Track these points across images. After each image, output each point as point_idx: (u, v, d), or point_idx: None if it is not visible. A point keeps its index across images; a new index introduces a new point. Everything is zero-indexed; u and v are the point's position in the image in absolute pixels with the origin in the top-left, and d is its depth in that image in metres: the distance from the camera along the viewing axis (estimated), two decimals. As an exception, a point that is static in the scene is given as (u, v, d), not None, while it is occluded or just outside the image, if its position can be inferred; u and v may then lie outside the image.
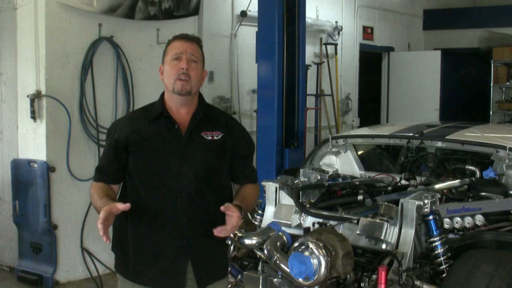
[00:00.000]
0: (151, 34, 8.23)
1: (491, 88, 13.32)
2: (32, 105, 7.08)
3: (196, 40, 3.71)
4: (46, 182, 7.08)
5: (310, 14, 10.52)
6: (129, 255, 3.64)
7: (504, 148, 5.53)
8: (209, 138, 3.65)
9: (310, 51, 10.85)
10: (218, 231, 3.43)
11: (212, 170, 3.65)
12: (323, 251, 3.97)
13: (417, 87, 13.38)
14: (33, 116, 7.09)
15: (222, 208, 3.44)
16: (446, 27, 14.30)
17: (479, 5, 14.30)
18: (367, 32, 13.02)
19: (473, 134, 6.22)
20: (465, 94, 14.28)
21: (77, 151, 7.36)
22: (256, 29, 8.45)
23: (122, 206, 3.31)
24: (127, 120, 3.76)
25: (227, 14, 9.71)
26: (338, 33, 11.78)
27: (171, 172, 3.55)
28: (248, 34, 9.58)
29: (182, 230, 3.56)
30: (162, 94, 3.71)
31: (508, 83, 13.18)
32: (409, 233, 4.38)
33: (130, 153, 3.57)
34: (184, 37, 3.69)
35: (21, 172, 7.28)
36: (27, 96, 7.08)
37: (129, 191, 3.63)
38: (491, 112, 13.34)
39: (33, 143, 7.24)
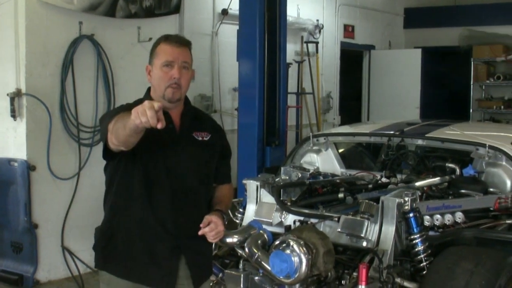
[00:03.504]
0: (132, 32, 8.21)
1: (471, 86, 13.39)
2: (12, 104, 7.03)
3: (187, 44, 3.71)
4: (26, 181, 7.04)
5: (291, 12, 10.53)
6: (119, 251, 3.63)
7: (483, 146, 5.55)
8: (200, 139, 3.70)
9: (291, 49, 10.86)
10: (213, 236, 3.57)
11: (204, 170, 3.71)
12: (304, 249, 3.97)
13: (398, 85, 13.42)
14: (13, 114, 7.05)
15: (205, 222, 3.54)
16: (426, 25, 14.35)
17: (459, 4, 14.37)
18: (348, 30, 13.05)
19: (453, 132, 6.26)
20: (445, 92, 14.34)
21: (57, 149, 7.33)
22: (237, 27, 8.46)
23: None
24: (122, 110, 3.59)
25: (208, 12, 9.71)
26: (319, 32, 11.80)
27: (167, 172, 3.55)
28: (229, 33, 9.58)
29: (177, 229, 3.57)
30: (148, 91, 3.71)
31: (488, 81, 13.25)
32: (389, 230, 4.39)
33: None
34: (176, 41, 3.64)
35: (1, 171, 7.23)
36: (7, 94, 7.03)
37: (122, 189, 3.60)
38: (471, 110, 13.41)
39: (13, 142, 7.19)
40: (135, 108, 2.99)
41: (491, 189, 5.42)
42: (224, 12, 9.61)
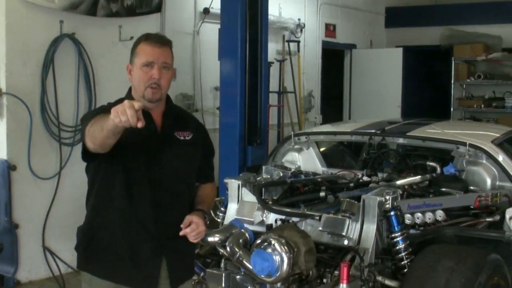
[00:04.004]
0: (113, 31, 8.17)
1: (452, 85, 13.44)
2: (-8, 103, 7.01)
3: (168, 44, 3.66)
4: (6, 180, 6.99)
5: (273, 11, 10.53)
6: (100, 252, 3.61)
7: (464, 144, 5.59)
8: (182, 138, 3.69)
9: (273, 48, 10.86)
10: (194, 236, 3.58)
11: (186, 170, 3.71)
12: (286, 247, 3.98)
13: (379, 84, 13.46)
14: (-6, 114, 7.02)
15: (185, 222, 3.55)
16: (408, 24, 14.40)
17: (440, 3, 14.42)
18: (330, 29, 13.07)
19: (434, 131, 6.28)
20: (426, 91, 14.38)
21: (38, 149, 7.29)
22: (219, 26, 8.45)
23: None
24: (104, 111, 3.57)
25: (190, 11, 9.69)
26: (301, 31, 11.81)
27: (148, 172, 3.54)
28: (211, 32, 9.57)
29: (159, 229, 3.56)
30: (130, 90, 3.69)
31: (468, 80, 13.30)
32: (370, 229, 4.41)
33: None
34: (156, 41, 3.60)
35: (-18, 171, 7.19)
36: (-13, 93, 6.99)
37: (103, 190, 3.58)
38: (452, 109, 13.46)
39: (-7, 141, 7.16)
40: (115, 107, 2.98)
41: (472, 187, 5.46)
42: (206, 11, 9.61)
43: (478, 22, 13.36)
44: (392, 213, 4.46)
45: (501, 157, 5.56)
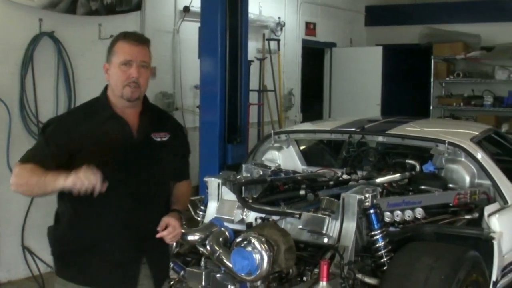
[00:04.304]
0: (93, 29, 8.15)
1: (431, 83, 13.49)
2: (-30, 102, 6.97)
3: (146, 42, 3.63)
4: (-15, 180, 6.97)
5: (253, 9, 10.52)
6: (77, 259, 3.56)
7: (443, 142, 5.62)
8: (158, 139, 3.64)
9: (253, 46, 10.85)
10: (170, 239, 3.60)
11: (163, 172, 3.66)
12: (265, 246, 3.98)
13: (359, 82, 13.48)
14: (-28, 113, 6.98)
15: (162, 225, 3.54)
16: (387, 23, 14.43)
17: (420, 2, 14.46)
18: (310, 28, 13.07)
19: (413, 129, 6.31)
20: (406, 89, 14.42)
21: (17, 148, 7.22)
22: (199, 24, 8.44)
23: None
24: (72, 122, 3.59)
25: (170, 10, 9.67)
26: (281, 29, 11.81)
27: (124, 175, 3.50)
28: (191, 30, 9.56)
29: (136, 232, 3.54)
30: (105, 89, 3.63)
31: (448, 79, 13.36)
32: (350, 227, 4.42)
33: (77, 157, 3.40)
34: (134, 40, 3.56)
35: (-40, 170, 7.14)
36: (-34, 92, 6.95)
37: (78, 196, 3.44)
38: (431, 107, 13.52)
39: (-29, 140, 7.11)
40: (77, 174, 3.12)
41: (451, 185, 5.50)
42: (186, 9, 9.58)
43: (457, 21, 13.42)
44: (371, 211, 4.48)
45: (479, 155, 5.60)
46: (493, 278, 4.92)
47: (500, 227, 5.02)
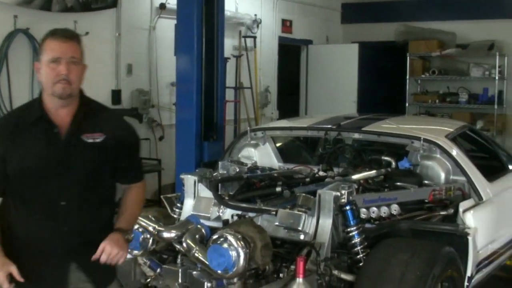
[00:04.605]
0: (68, 26, 7.80)
1: (407, 80, 13.55)
2: None
3: (75, 38, 3.45)
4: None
5: (229, 7, 10.51)
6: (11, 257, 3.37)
7: (418, 139, 5.64)
8: (90, 141, 3.42)
9: (229, 44, 10.85)
10: (112, 262, 3.40)
11: (94, 176, 3.45)
12: (242, 243, 3.99)
13: (335, 79, 13.52)
14: None
15: (97, 253, 3.35)
16: (363, 20, 14.47)
17: (395, 0, 14.52)
18: (286, 25, 13.09)
19: (389, 126, 6.33)
20: (382, 86, 14.47)
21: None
22: (175, 21, 8.41)
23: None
24: (1, 126, 3.50)
25: (146, 7, 9.64)
26: (257, 26, 11.82)
27: (50, 181, 3.35)
28: (167, 27, 9.53)
29: (65, 239, 3.39)
30: (41, 92, 3.48)
31: (423, 76, 13.43)
32: (326, 223, 4.44)
33: (7, 163, 3.32)
34: (62, 36, 3.40)
35: None
36: None
37: (9, 196, 3.41)
38: (407, 104, 13.58)
39: None
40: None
41: (426, 182, 5.52)
42: (162, 6, 9.57)
43: (432, 19, 13.49)
44: (347, 207, 4.50)
45: (454, 152, 5.63)
46: (468, 274, 4.96)
47: (475, 223, 5.05)
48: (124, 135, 3.60)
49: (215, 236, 4.10)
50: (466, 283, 4.94)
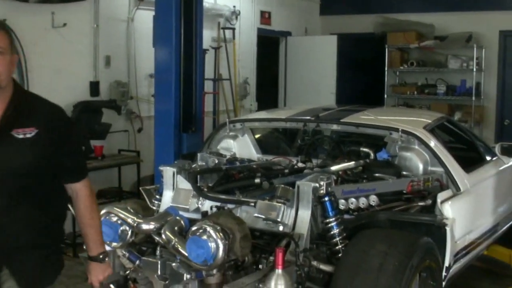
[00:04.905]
0: (46, 17, 8.06)
1: (386, 72, 13.59)
2: None
3: (1, 27, 3.33)
4: None
5: (208, -2, 10.51)
6: None
7: (397, 130, 5.67)
8: (21, 136, 3.15)
9: (208, 35, 10.82)
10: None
11: (26, 175, 3.20)
12: (221, 234, 4.00)
13: (314, 71, 13.52)
14: None
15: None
16: (342, 12, 14.47)
17: (374, -9, 14.55)
18: (265, 17, 13.07)
19: (367, 117, 6.34)
20: (360, 78, 14.49)
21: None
22: (153, 13, 8.37)
23: None
24: None
25: (124, -2, 9.60)
26: (236, 18, 11.78)
27: None
28: (146, 18, 9.46)
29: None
30: None
31: (402, 68, 13.45)
32: (305, 214, 4.45)
33: None
34: None
35: None
36: None
37: None
38: (385, 96, 13.61)
39: None
40: None
41: (404, 173, 5.55)
42: (140, -3, 9.53)
43: (411, 10, 13.51)
44: (326, 198, 4.51)
45: (432, 143, 5.66)
46: (446, 264, 5.00)
47: (453, 214, 5.09)
48: (60, 128, 3.33)
49: (194, 228, 4.10)
50: (444, 273, 4.98)
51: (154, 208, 5.24)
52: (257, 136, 6.63)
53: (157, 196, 5.32)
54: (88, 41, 8.82)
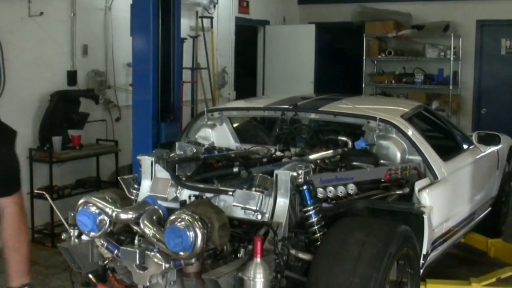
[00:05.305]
0: (22, 6, 7.98)
1: (364, 61, 13.62)
2: None
3: None
4: None
5: (186, -13, 10.46)
6: None
7: (374, 119, 5.69)
8: None
9: (186, 24, 10.79)
10: None
11: None
12: (199, 223, 3.99)
13: (293, 60, 13.54)
14: None
15: None
16: (320, 1, 14.48)
17: (352, -20, 14.57)
18: (243, 5, 13.05)
19: (345, 106, 6.36)
20: (338, 67, 14.55)
21: None
22: (131, 1, 8.33)
23: None
24: None
25: (101, -13, 9.55)
26: (214, 6, 11.75)
27: None
28: (123, 7, 9.41)
29: None
30: None
31: (379, 57, 13.50)
32: (283, 203, 4.45)
33: None
34: None
35: None
36: None
37: None
38: (363, 85, 13.66)
39: None
40: None
41: (382, 161, 5.56)
42: (117, -14, 9.48)
43: (389, 0, 13.55)
44: (304, 187, 4.51)
45: (410, 132, 5.68)
46: (424, 251, 5.03)
47: (430, 202, 5.11)
48: None
49: (172, 217, 4.10)
50: (421, 261, 5.01)
51: (133, 197, 5.22)
52: (235, 125, 6.63)
53: (136, 186, 5.30)
54: (65, 30, 8.75)
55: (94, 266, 4.74)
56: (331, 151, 5.47)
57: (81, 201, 4.48)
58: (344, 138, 5.92)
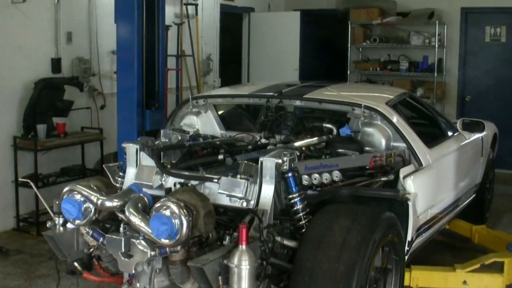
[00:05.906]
0: (5, -7, 7.94)
1: (349, 48, 13.62)
2: None
3: None
4: None
5: (170, -26, 10.42)
6: None
7: (359, 106, 5.70)
8: None
9: (171, 11, 10.75)
10: None
11: None
12: (184, 211, 4.00)
13: (277, 47, 13.53)
14: None
15: None
16: (305, -12, 14.48)
17: (336, -33, 14.53)
18: (228, -8, 13.03)
19: (330, 93, 6.37)
20: (323, 54, 14.54)
21: None
22: (115, -12, 8.29)
23: None
24: None
25: (85, -27, 9.48)
26: (199, -7, 11.72)
27: None
28: (107, -6, 9.39)
29: None
30: None
31: (364, 44, 13.49)
32: (269, 190, 4.45)
33: None
34: None
35: None
36: None
37: None
38: (348, 72, 13.66)
39: None
40: None
41: (367, 148, 5.59)
42: (101, -27, 9.42)
43: (373, -13, 13.54)
44: (289, 174, 4.52)
45: (395, 118, 5.70)
46: (408, 238, 5.06)
47: (415, 189, 5.14)
48: None
49: (157, 205, 4.09)
50: (406, 248, 5.03)
51: (118, 185, 5.21)
52: (220, 112, 6.63)
53: (121, 173, 5.29)
54: (49, 17, 8.70)
55: (80, 254, 4.73)
56: (316, 138, 5.47)
57: (66, 189, 4.47)
58: (329, 125, 5.93)
